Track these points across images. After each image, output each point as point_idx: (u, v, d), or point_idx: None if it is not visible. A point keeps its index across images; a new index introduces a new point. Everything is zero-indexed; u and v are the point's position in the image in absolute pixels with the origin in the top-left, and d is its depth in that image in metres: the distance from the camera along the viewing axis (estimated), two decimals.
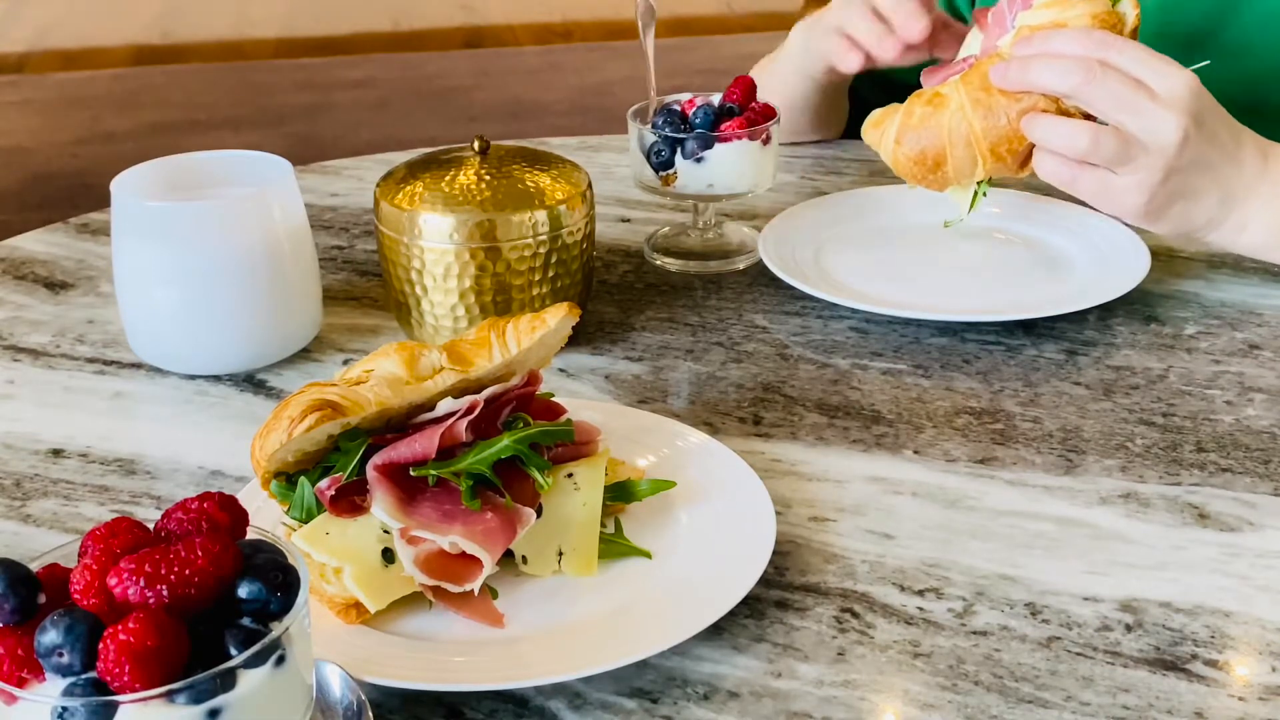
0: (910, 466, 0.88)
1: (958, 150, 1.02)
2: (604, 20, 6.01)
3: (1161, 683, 0.69)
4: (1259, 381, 0.98)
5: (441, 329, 1.00)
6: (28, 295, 1.16)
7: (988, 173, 1.04)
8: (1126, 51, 0.96)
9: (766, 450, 0.90)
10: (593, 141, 1.50)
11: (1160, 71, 0.95)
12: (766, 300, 1.12)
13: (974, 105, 1.01)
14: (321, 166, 1.45)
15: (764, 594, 0.76)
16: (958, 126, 1.02)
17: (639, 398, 0.97)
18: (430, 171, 1.01)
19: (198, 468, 0.90)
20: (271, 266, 0.99)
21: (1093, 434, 0.91)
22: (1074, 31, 0.97)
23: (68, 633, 0.49)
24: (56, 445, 0.93)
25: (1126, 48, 0.96)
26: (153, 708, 0.49)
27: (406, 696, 0.68)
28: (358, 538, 0.72)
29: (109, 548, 0.52)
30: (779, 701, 0.68)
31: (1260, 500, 0.84)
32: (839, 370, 1.01)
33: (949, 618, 0.74)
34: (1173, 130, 0.95)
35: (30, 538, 0.83)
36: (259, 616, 0.52)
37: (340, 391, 0.74)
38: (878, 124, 1.07)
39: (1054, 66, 0.96)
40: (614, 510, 0.80)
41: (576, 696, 0.69)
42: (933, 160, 1.03)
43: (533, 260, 0.99)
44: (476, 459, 0.74)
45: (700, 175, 1.14)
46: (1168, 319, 1.07)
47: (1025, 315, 1.04)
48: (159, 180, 1.03)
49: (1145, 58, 0.96)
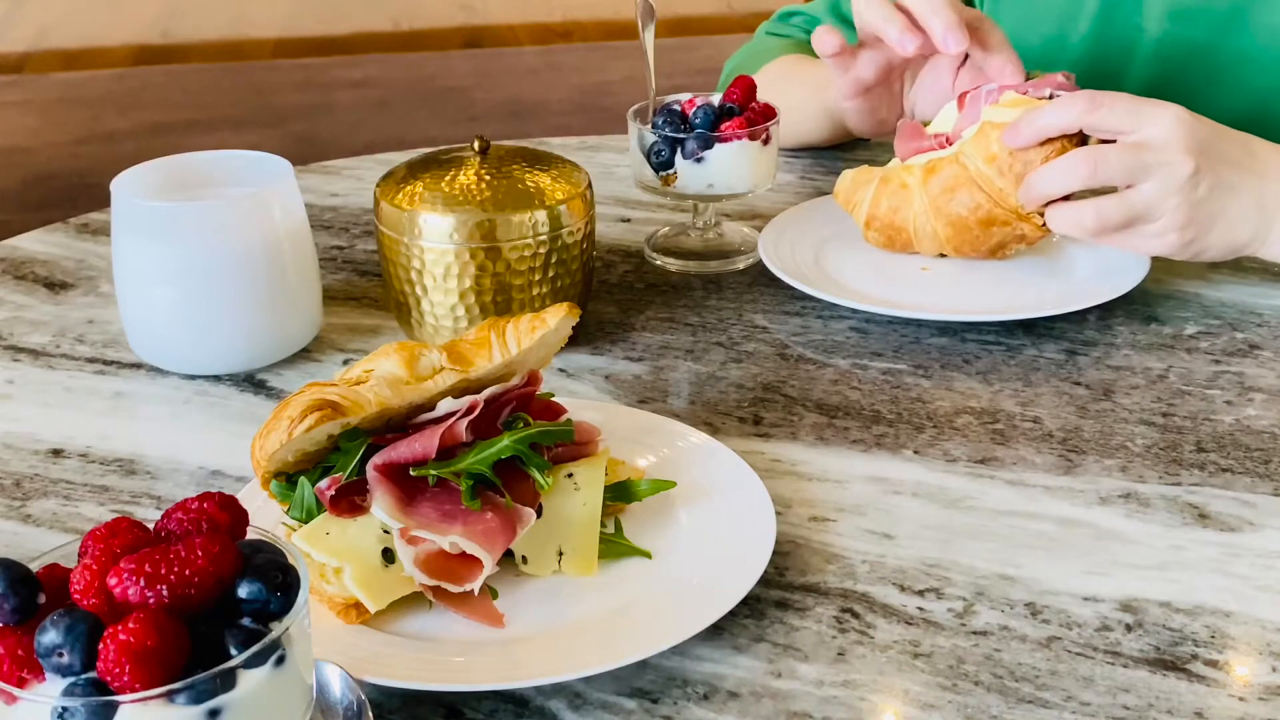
0: (910, 466, 0.88)
1: (924, 241, 1.10)
2: (604, 20, 6.01)
3: (1161, 683, 0.69)
4: (1259, 381, 0.98)
5: (441, 329, 1.00)
6: (28, 295, 1.16)
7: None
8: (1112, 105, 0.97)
9: (766, 450, 0.90)
10: (593, 141, 1.50)
11: (1149, 117, 0.96)
12: (766, 300, 1.12)
13: (935, 213, 1.07)
14: (321, 166, 1.45)
15: (764, 594, 0.76)
16: (923, 224, 1.09)
17: (639, 398, 0.97)
18: (430, 171, 1.01)
19: (198, 468, 0.90)
20: (271, 266, 0.99)
21: (1093, 434, 0.91)
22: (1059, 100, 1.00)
23: (68, 633, 0.49)
24: (56, 445, 0.93)
25: (1112, 101, 0.97)
26: (153, 708, 0.49)
27: (406, 696, 0.68)
28: (358, 538, 0.72)
29: (109, 548, 0.52)
30: (779, 701, 0.68)
31: (1260, 500, 0.84)
32: (839, 370, 1.01)
33: (949, 618, 0.74)
34: (1179, 170, 0.96)
35: (30, 538, 0.83)
36: (259, 616, 0.52)
37: (340, 391, 0.74)
38: (849, 195, 1.14)
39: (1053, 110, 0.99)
40: (614, 510, 0.80)
41: (576, 696, 0.69)
42: (901, 244, 1.12)
43: (533, 260, 0.99)
44: (476, 459, 0.74)
45: (700, 175, 1.14)
46: (1168, 319, 1.07)
47: (1025, 315, 1.04)
48: (159, 180, 1.03)
49: (1132, 107, 0.97)
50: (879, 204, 1.10)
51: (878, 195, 1.10)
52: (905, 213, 1.09)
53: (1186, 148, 0.96)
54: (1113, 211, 0.98)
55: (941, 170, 1.06)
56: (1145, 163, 0.96)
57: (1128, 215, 0.98)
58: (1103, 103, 0.97)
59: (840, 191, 1.14)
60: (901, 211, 1.09)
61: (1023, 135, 1.00)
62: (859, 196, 1.12)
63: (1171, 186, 0.96)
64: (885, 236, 1.12)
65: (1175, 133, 0.96)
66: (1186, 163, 0.96)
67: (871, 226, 1.12)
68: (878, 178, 1.11)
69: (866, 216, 1.12)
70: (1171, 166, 0.96)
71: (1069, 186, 0.99)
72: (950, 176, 1.06)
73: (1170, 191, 0.96)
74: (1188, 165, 0.96)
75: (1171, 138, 0.96)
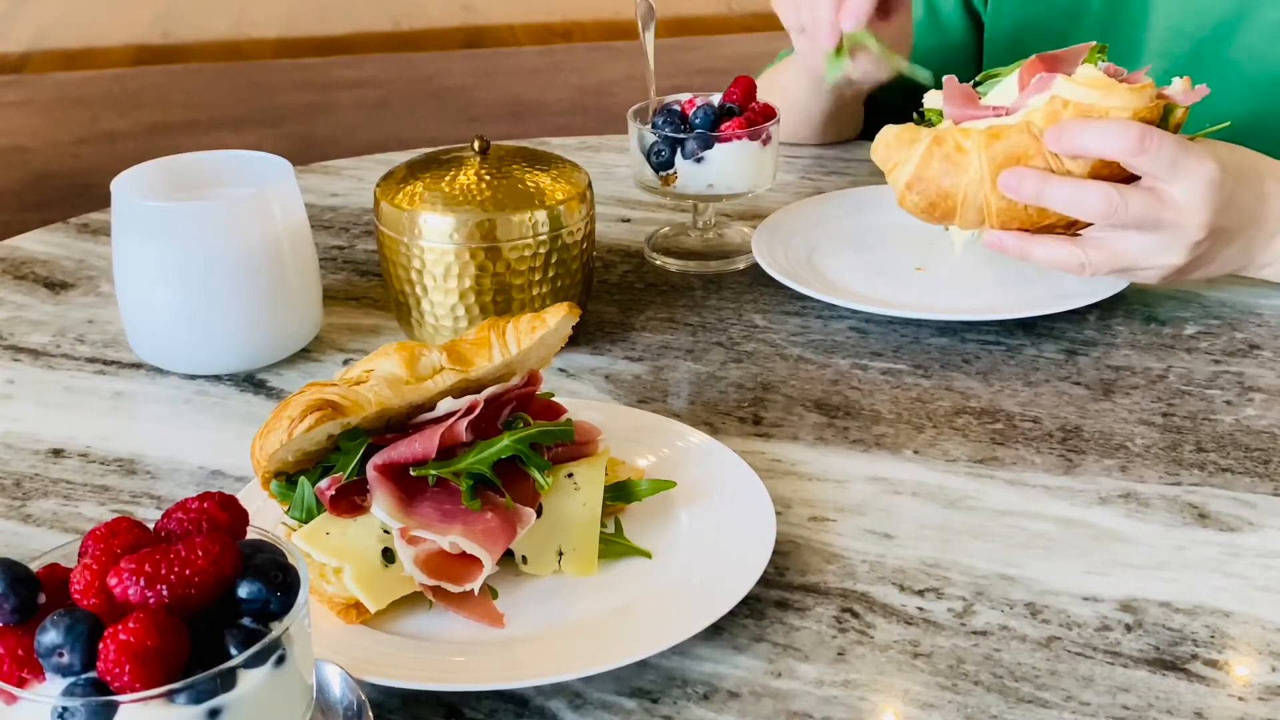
0: (910, 466, 0.88)
1: (969, 214, 1.00)
2: (604, 20, 6.01)
3: (1161, 683, 0.69)
4: (1259, 381, 0.98)
5: (441, 329, 1.00)
6: (28, 295, 1.16)
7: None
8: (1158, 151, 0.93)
9: (766, 450, 0.90)
10: (593, 141, 1.50)
11: (1184, 173, 0.94)
12: (766, 300, 1.12)
13: (994, 182, 0.98)
14: (321, 166, 1.45)
15: (764, 594, 0.76)
16: (974, 194, 0.99)
17: (639, 398, 0.97)
18: (430, 171, 1.01)
19: (198, 468, 0.90)
20: (271, 266, 0.99)
21: (1092, 434, 0.91)
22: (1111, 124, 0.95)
23: (68, 633, 0.49)
24: (56, 445, 0.93)
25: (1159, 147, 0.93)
26: (153, 708, 0.49)
27: (406, 696, 0.68)
28: (358, 538, 0.72)
29: (109, 548, 0.52)
30: (779, 701, 0.68)
31: (1260, 500, 0.84)
32: (839, 370, 1.01)
33: (949, 618, 0.74)
34: (1188, 236, 0.96)
35: (30, 538, 0.83)
36: (259, 616, 0.52)
37: (340, 391, 0.74)
38: (890, 152, 1.03)
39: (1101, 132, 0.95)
40: (614, 510, 0.80)
41: (576, 696, 0.69)
42: (941, 213, 1.01)
43: (533, 260, 0.99)
44: (476, 459, 0.74)
45: (700, 175, 1.14)
46: (1168, 319, 1.07)
47: (1025, 315, 1.04)
48: (159, 180, 1.03)
49: (1173, 158, 0.94)
50: (929, 164, 0.99)
51: (928, 155, 1.00)
52: (957, 179, 0.99)
53: (1205, 220, 0.95)
54: (1102, 264, 0.98)
55: (1008, 137, 0.97)
56: (1160, 220, 0.95)
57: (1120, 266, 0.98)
58: (1149, 147, 0.93)
59: (880, 147, 1.03)
60: (952, 176, 0.99)
61: (1063, 143, 0.96)
62: (902, 156, 1.01)
63: (1174, 248, 0.97)
64: (926, 202, 1.01)
65: (1202, 199, 0.95)
66: (1200, 231, 0.95)
67: (914, 189, 1.01)
68: (929, 137, 1.00)
69: (910, 178, 1.01)
70: (1183, 231, 0.96)
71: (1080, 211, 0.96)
72: (1017, 145, 0.97)
73: (1172, 252, 0.97)
74: (1198, 234, 0.96)
75: (1195, 204, 0.95)
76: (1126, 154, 0.93)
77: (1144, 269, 0.99)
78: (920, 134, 1.01)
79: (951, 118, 1.02)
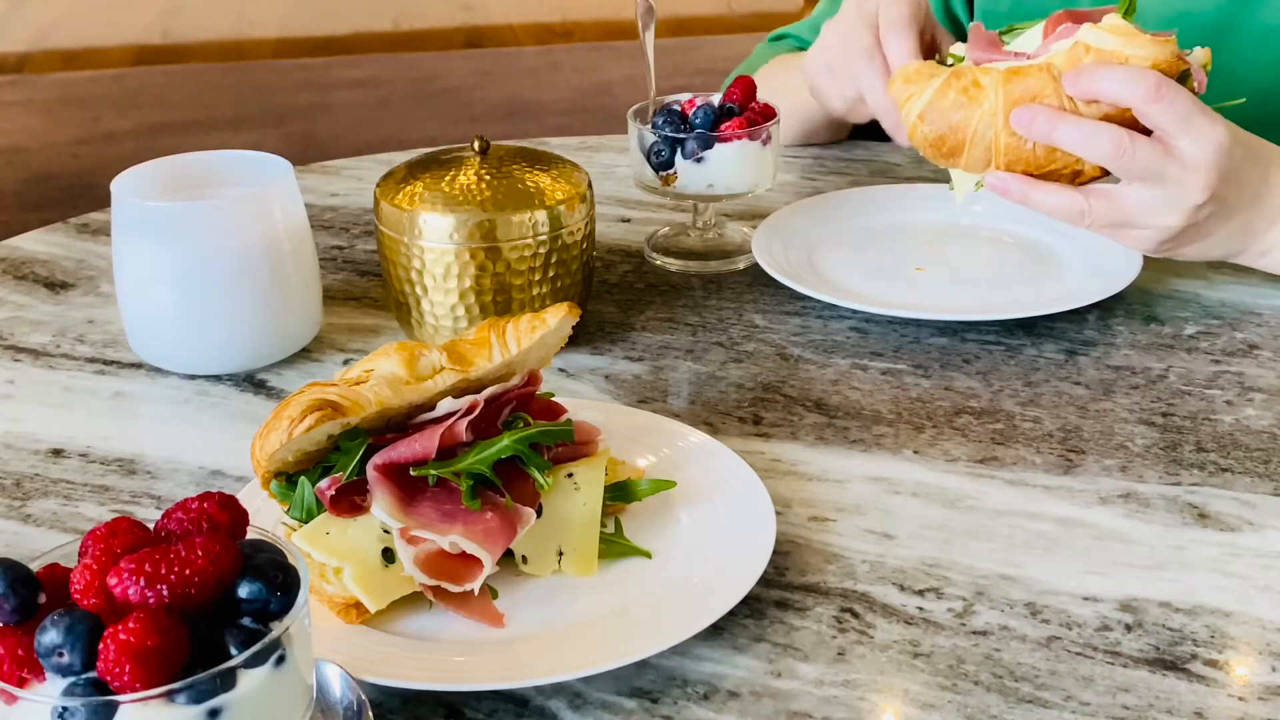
0: (910, 466, 0.88)
1: (976, 150, 1.00)
2: (604, 20, 6.01)
3: (1161, 683, 0.69)
4: (1259, 381, 0.98)
5: (441, 329, 1.00)
6: (28, 295, 1.16)
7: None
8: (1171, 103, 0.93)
9: (766, 450, 0.90)
10: (593, 141, 1.50)
11: (1195, 131, 0.93)
12: (766, 300, 1.12)
13: (1007, 120, 0.98)
14: (321, 166, 1.45)
15: (764, 594, 0.76)
16: (984, 129, 0.99)
17: (639, 398, 0.97)
18: (430, 171, 1.01)
19: (198, 468, 0.90)
20: (271, 266, 0.99)
21: (1092, 434, 0.91)
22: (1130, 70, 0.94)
23: (68, 633, 0.49)
24: (56, 445, 0.93)
25: (1173, 99, 0.93)
26: (153, 708, 0.49)
27: (406, 696, 0.68)
28: (358, 538, 0.72)
29: (109, 548, 0.52)
30: (779, 701, 0.68)
31: (1260, 500, 0.84)
32: (839, 370, 1.01)
33: (949, 618, 0.74)
34: (1191, 197, 0.95)
35: (30, 538, 0.83)
36: (259, 616, 0.52)
37: (340, 391, 0.74)
38: (910, 81, 1.03)
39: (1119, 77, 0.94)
40: (614, 510, 0.80)
41: (576, 696, 0.69)
42: (949, 148, 1.01)
43: (533, 260, 0.99)
44: (476, 459, 0.74)
45: (700, 175, 1.14)
46: (1168, 319, 1.07)
47: (1025, 315, 1.04)
48: (159, 180, 1.03)
49: (1186, 113, 0.93)
50: (945, 95, 0.99)
51: (945, 87, 1.00)
52: (968, 113, 0.99)
53: (1210, 181, 0.94)
54: (1102, 214, 0.97)
55: (1028, 76, 0.97)
56: (1165, 173, 0.94)
57: (1119, 220, 0.97)
58: (1164, 95, 0.92)
59: (899, 79, 1.03)
60: (965, 110, 0.99)
61: (1080, 86, 0.95)
62: (919, 87, 1.01)
63: (1176, 207, 0.96)
64: (935, 136, 1.00)
65: (1210, 160, 0.94)
66: (1202, 193, 0.95)
67: (925, 120, 1.00)
68: (948, 71, 1.01)
69: (923, 108, 1.00)
70: (1187, 190, 0.95)
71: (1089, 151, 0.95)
72: (1034, 86, 0.96)
73: (1172, 211, 0.96)
74: (1201, 196, 0.95)
75: (1204, 164, 0.94)
76: (1141, 101, 0.93)
77: (1141, 228, 0.97)
78: (940, 70, 1.01)
79: (974, 60, 1.02)
